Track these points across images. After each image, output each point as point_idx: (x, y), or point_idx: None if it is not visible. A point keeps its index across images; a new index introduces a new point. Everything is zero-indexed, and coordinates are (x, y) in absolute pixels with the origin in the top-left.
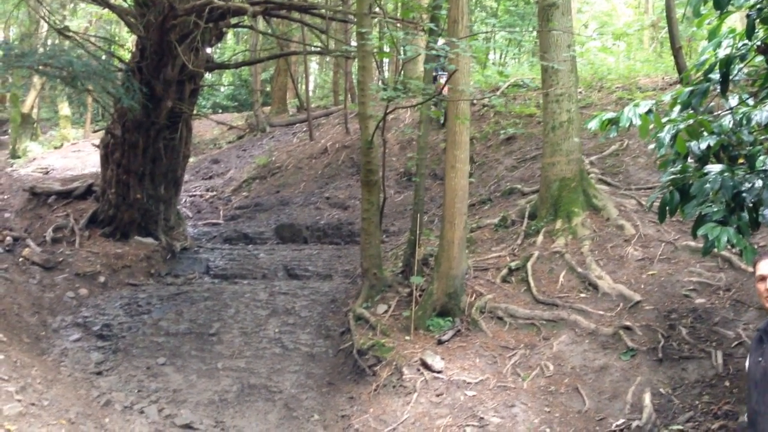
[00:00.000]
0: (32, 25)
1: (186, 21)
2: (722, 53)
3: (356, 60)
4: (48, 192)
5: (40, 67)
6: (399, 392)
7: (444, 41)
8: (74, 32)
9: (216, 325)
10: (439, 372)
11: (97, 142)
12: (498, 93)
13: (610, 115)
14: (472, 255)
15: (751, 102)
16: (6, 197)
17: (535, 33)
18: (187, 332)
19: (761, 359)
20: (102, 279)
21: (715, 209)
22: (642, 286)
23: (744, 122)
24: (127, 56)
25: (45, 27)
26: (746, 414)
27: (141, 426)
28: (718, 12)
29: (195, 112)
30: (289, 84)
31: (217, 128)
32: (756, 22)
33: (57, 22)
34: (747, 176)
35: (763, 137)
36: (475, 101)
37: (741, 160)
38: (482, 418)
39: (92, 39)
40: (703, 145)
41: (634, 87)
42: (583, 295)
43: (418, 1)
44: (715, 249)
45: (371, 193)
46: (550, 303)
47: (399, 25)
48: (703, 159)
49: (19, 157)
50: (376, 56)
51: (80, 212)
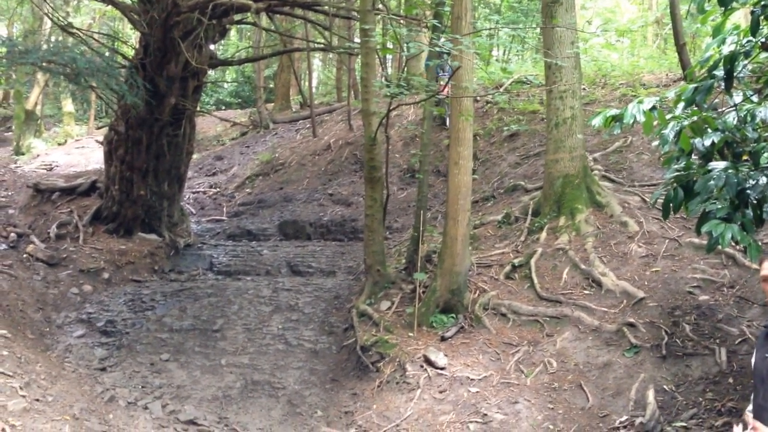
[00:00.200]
0: (36, 22)
1: (189, 18)
2: (726, 50)
3: (359, 57)
4: (52, 188)
5: (44, 64)
6: (402, 389)
7: (447, 38)
8: (78, 29)
9: (219, 322)
10: (443, 368)
11: (101, 139)
12: (501, 90)
13: (614, 112)
14: (476, 252)
15: (756, 99)
16: (10, 194)
17: (539, 30)
18: (191, 328)
19: None
20: (106, 275)
21: (719, 206)
22: (646, 283)
23: (748, 119)
24: (131, 53)
25: (49, 24)
26: (751, 410)
27: (145, 422)
28: (723, 9)
29: (198, 109)
30: (292, 81)
31: (221, 125)
32: (760, 19)
33: (60, 19)
34: (751, 173)
35: None
36: (479, 98)
37: (745, 157)
38: (485, 415)
39: (96, 36)
40: (707, 142)
41: (638, 84)
42: (587, 292)
43: None
44: (719, 246)
45: (374, 190)
46: (554, 300)
47: (402, 22)
48: (707, 156)
49: (23, 154)
50: (380, 53)
51: (84, 209)
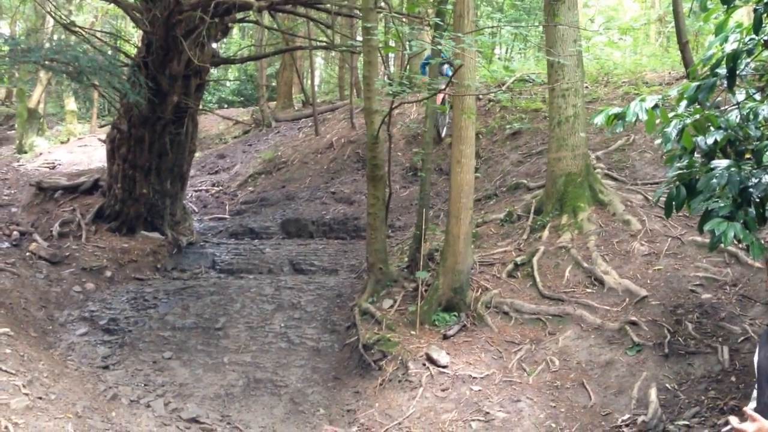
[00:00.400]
0: (38, 21)
1: (192, 16)
2: (729, 48)
3: (362, 55)
4: (54, 187)
5: (47, 63)
6: (404, 387)
7: (450, 36)
8: (80, 27)
9: (222, 320)
10: (445, 367)
11: (104, 137)
12: (504, 88)
13: (617, 110)
14: (478, 250)
15: (758, 97)
16: (13, 192)
17: (541, 28)
18: (194, 326)
19: None
20: (108, 273)
21: (722, 204)
22: (648, 281)
23: (751, 117)
24: (133, 51)
25: (51, 22)
26: (752, 408)
27: (147, 420)
28: (725, 6)
29: (201, 107)
30: (295, 79)
31: (223, 123)
32: (763, 17)
33: (63, 17)
34: (754, 171)
35: None
36: (481, 96)
37: (748, 155)
38: (488, 413)
39: (98, 34)
40: (710, 140)
41: (641, 82)
42: (589, 290)
43: None
44: (722, 244)
45: (377, 188)
46: (556, 298)
47: (404, 20)
48: (710, 154)
49: (26, 152)
50: (382, 51)
51: (87, 207)
